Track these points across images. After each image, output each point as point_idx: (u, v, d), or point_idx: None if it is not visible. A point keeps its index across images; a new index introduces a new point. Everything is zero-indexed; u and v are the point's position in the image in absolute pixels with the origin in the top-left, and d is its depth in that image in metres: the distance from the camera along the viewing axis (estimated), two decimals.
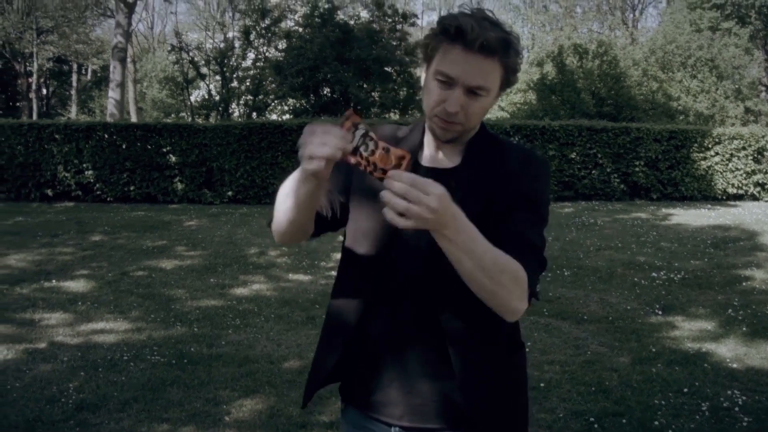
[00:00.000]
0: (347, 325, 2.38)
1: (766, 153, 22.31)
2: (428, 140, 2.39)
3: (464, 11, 2.19)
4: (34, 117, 44.30)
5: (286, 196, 2.20)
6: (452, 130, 2.24)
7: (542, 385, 6.17)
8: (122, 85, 30.48)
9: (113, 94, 29.80)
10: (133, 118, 38.34)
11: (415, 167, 2.32)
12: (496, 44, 2.10)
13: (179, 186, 20.02)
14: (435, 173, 2.28)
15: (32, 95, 48.14)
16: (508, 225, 2.19)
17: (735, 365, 6.81)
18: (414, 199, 1.78)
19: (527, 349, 7.01)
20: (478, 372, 2.29)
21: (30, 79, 48.29)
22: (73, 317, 8.35)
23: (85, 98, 53.92)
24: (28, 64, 48.09)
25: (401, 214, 1.79)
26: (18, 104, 48.88)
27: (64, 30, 46.80)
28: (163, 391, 6.01)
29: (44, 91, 53.75)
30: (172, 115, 37.19)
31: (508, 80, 2.23)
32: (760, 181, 22.46)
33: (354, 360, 2.41)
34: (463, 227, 1.93)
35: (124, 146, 19.86)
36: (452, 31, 2.12)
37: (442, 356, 2.26)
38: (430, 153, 2.38)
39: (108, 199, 19.85)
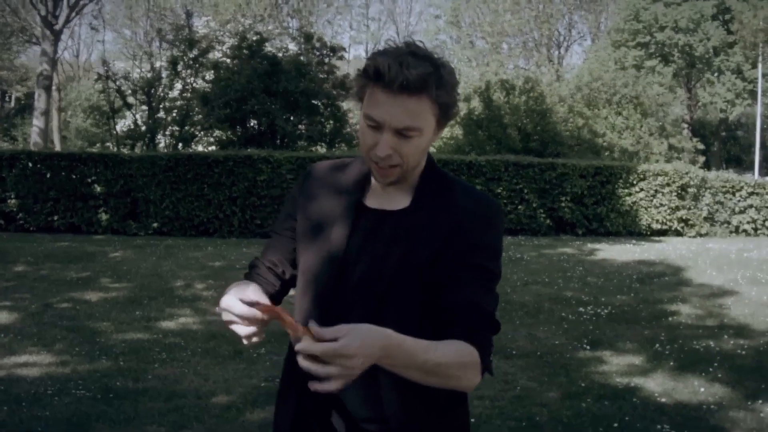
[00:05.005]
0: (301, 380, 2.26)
1: (689, 189, 22.79)
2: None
3: (387, 48, 2.12)
4: None
5: None
6: (390, 174, 2.18)
7: (472, 420, 6.17)
8: (47, 114, 30.15)
9: (37, 122, 29.50)
10: (57, 147, 37.86)
11: (361, 209, 2.29)
12: (418, 82, 2.03)
13: (104, 216, 19.78)
14: (381, 215, 2.26)
15: None
16: (462, 290, 2.16)
17: (664, 400, 6.92)
18: (339, 368, 1.81)
19: None
20: (416, 425, 2.23)
21: None
22: None
23: (8, 126, 53.20)
24: None
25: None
26: None
27: None
28: (89, 427, 5.92)
29: None
30: (98, 145, 36.77)
31: (444, 115, 2.16)
32: (684, 217, 22.91)
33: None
34: (396, 352, 1.94)
35: (48, 175, 19.59)
36: (372, 72, 2.08)
37: (381, 399, 2.20)
38: (377, 193, 2.31)
39: (31, 228, 19.54)
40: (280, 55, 29.09)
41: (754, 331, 9.94)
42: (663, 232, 22.87)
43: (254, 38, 29.18)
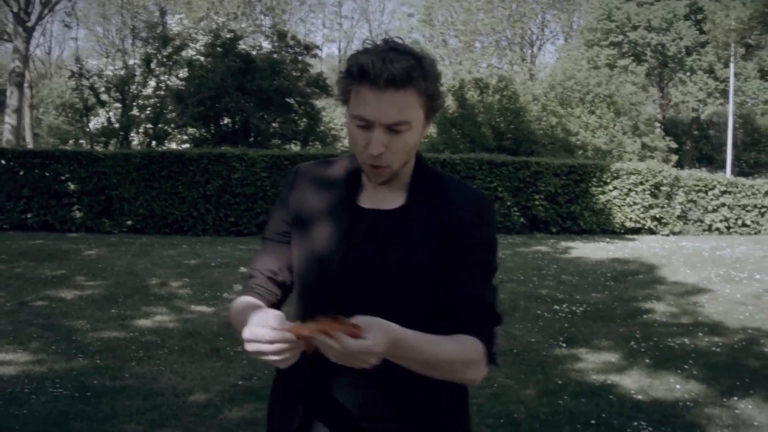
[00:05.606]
0: (300, 380, 2.27)
1: (662, 188, 22.89)
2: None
3: (367, 47, 2.14)
4: None
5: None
6: (383, 173, 2.18)
7: None
8: (19, 111, 29.97)
9: (9, 119, 29.28)
10: (30, 145, 37.62)
11: (356, 210, 2.27)
12: (403, 75, 2.05)
13: (77, 214, 19.66)
14: (377, 215, 2.26)
15: None
16: (463, 287, 2.20)
17: (640, 397, 6.97)
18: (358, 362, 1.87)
19: None
20: (420, 418, 2.24)
21: None
22: None
23: None
24: None
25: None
26: None
27: None
28: (67, 425, 5.90)
29: None
30: (70, 142, 36.57)
31: (432, 107, 2.19)
32: (657, 215, 23.03)
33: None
34: (402, 347, 1.96)
35: (21, 173, 19.44)
36: (356, 71, 2.09)
37: (383, 398, 2.21)
38: (370, 192, 2.30)
39: (4, 226, 19.39)
40: (254, 53, 29.06)
41: (728, 328, 10.03)
42: (636, 231, 22.96)
43: (228, 36, 29.14)
